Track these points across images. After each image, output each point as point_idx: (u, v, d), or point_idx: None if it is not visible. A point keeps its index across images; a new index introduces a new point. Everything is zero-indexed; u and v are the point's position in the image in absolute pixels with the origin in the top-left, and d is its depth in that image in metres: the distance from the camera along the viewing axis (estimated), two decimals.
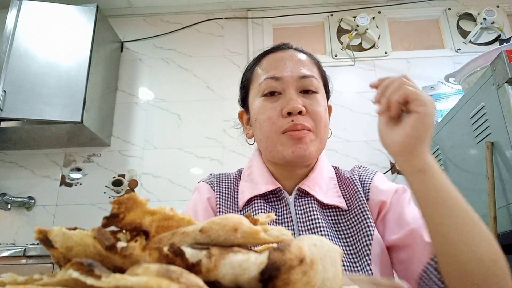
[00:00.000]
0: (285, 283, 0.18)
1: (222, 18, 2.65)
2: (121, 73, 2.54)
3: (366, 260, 0.62)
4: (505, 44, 2.22)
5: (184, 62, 2.55)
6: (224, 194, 0.75)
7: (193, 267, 0.17)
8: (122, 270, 0.17)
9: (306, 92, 0.72)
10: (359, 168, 0.81)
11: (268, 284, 0.18)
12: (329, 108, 0.81)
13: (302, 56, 0.77)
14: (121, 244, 0.18)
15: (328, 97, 0.81)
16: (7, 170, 2.30)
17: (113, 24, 2.49)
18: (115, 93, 2.48)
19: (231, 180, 0.79)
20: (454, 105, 1.64)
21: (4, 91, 1.96)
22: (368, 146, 2.26)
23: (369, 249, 0.63)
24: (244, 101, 0.82)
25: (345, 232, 0.67)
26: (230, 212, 0.72)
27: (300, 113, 0.69)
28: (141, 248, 0.18)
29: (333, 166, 0.82)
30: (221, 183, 0.77)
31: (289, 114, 0.69)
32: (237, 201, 0.74)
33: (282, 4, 2.61)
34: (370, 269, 0.61)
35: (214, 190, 0.76)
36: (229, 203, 0.74)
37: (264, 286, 0.18)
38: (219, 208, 0.72)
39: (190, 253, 0.18)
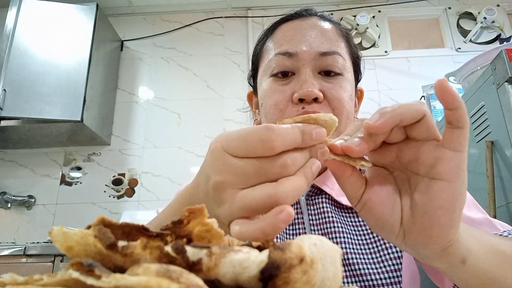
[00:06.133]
0: (285, 282, 0.18)
1: (222, 17, 2.65)
2: (121, 72, 2.54)
3: (397, 264, 0.53)
4: (505, 43, 2.22)
5: (184, 61, 2.55)
6: None
7: (194, 266, 0.17)
8: (123, 269, 0.17)
9: (327, 73, 0.58)
10: None
11: (268, 283, 0.18)
12: (360, 93, 0.68)
13: (326, 25, 0.61)
14: (121, 243, 0.18)
15: (358, 80, 0.67)
16: (7, 169, 2.30)
17: (113, 23, 2.48)
18: (115, 92, 2.48)
19: None
20: None
21: (4, 90, 1.96)
22: None
23: (400, 255, 0.53)
24: (254, 80, 0.69)
25: (368, 237, 0.56)
26: None
27: (316, 100, 0.55)
28: (141, 246, 0.18)
29: None
30: None
31: (301, 101, 0.55)
32: None
33: (282, 3, 2.61)
34: (400, 277, 0.52)
35: None
36: None
37: (264, 285, 0.18)
38: None
39: (191, 252, 0.18)
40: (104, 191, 2.26)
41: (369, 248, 0.55)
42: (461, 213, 0.30)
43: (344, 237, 0.55)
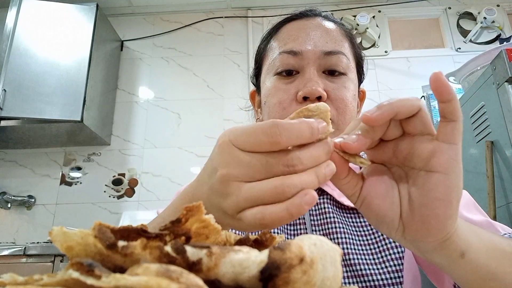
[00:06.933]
0: (285, 282, 0.18)
1: (222, 17, 2.65)
2: (121, 72, 2.54)
3: (399, 265, 0.53)
4: (505, 43, 2.22)
5: (184, 61, 2.55)
6: None
7: (194, 266, 0.17)
8: (123, 269, 0.17)
9: (331, 73, 0.58)
10: None
11: (268, 283, 0.18)
12: (362, 93, 0.69)
13: (330, 26, 0.62)
14: (121, 243, 0.18)
15: (361, 80, 0.67)
16: (7, 169, 2.30)
17: (113, 23, 2.49)
18: (115, 92, 2.48)
19: None
20: None
21: (4, 90, 1.96)
22: None
23: (402, 256, 0.53)
24: (257, 78, 0.69)
25: (369, 237, 0.56)
26: None
27: (319, 98, 0.55)
28: (141, 246, 0.18)
29: None
30: None
31: (305, 99, 0.55)
32: None
33: (282, 3, 2.61)
34: (401, 278, 0.52)
35: None
36: None
37: (264, 285, 0.18)
38: None
39: (191, 252, 0.18)
40: (104, 191, 2.26)
41: (370, 249, 0.55)
42: (458, 205, 0.31)
43: (345, 238, 0.54)
